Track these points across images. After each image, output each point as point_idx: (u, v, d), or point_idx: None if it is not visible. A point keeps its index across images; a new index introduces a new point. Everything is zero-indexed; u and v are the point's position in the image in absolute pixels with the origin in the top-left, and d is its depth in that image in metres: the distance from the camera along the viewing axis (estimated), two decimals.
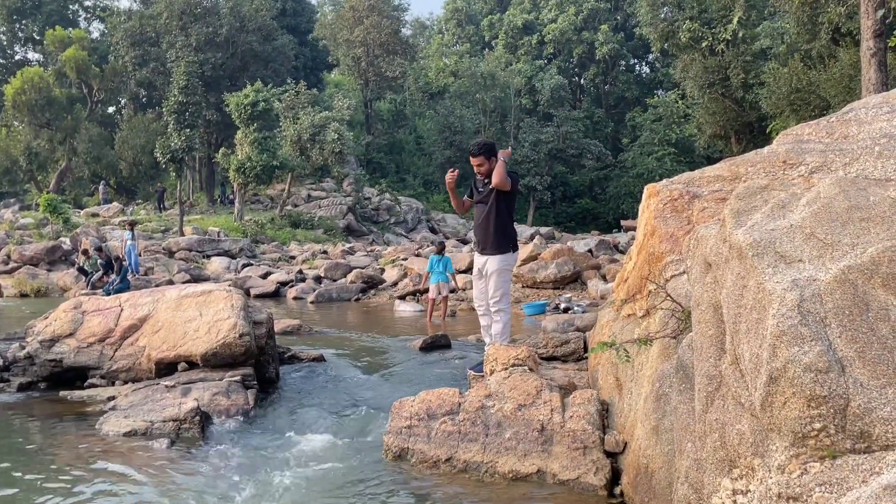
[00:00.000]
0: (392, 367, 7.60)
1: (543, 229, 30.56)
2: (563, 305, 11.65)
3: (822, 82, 19.74)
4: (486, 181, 6.01)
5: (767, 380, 2.33)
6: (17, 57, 49.32)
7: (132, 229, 20.92)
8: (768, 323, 2.38)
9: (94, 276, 17.24)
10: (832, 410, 2.19)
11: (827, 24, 18.98)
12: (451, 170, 6.04)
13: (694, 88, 28.76)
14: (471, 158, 5.96)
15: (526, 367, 5.02)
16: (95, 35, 49.63)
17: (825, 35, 19.78)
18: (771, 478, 2.36)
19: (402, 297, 14.86)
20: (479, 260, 6.14)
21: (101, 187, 38.70)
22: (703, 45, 27.21)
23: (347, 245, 27.21)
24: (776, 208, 2.83)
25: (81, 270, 18.44)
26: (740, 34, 26.64)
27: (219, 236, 26.68)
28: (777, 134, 4.65)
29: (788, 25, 23.44)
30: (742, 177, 4.15)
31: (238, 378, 6.15)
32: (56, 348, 6.92)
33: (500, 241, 5.96)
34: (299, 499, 4.08)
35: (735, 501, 2.57)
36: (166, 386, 6.04)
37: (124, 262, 17.89)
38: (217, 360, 6.33)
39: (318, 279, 18.42)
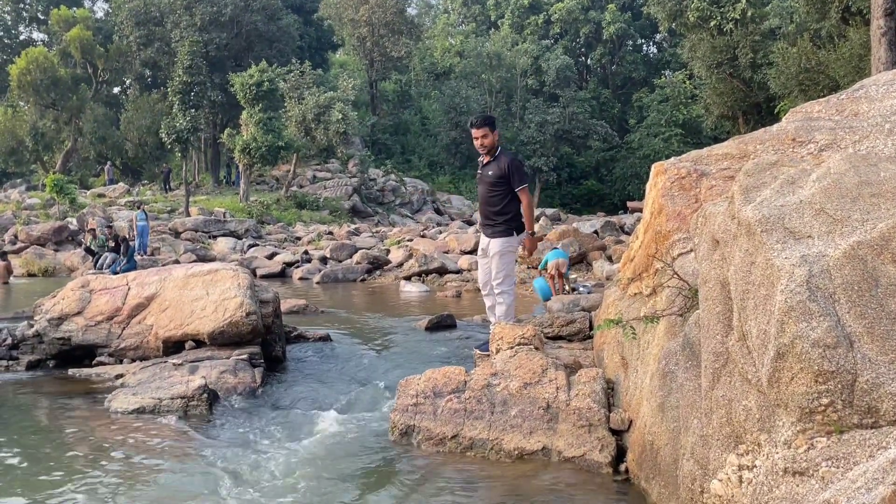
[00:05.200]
0: (398, 347, 7.63)
1: (549, 210, 30.48)
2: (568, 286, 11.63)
3: (832, 62, 19.56)
4: (487, 160, 5.98)
5: (775, 355, 2.33)
6: (21, 37, 49.19)
7: (144, 210, 21.05)
8: (776, 299, 2.37)
9: (108, 260, 17.22)
10: (840, 386, 2.18)
11: (837, 2, 18.79)
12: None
13: (702, 69, 28.53)
14: (473, 131, 5.90)
15: (531, 346, 5.03)
16: (100, 15, 49.48)
17: (835, 14, 19.58)
18: (777, 453, 2.37)
19: (408, 278, 14.88)
20: (484, 240, 6.13)
21: (107, 168, 38.76)
22: (712, 24, 26.95)
23: (353, 226, 27.25)
24: (786, 184, 2.81)
25: (88, 250, 18.52)
26: (749, 13, 26.36)
27: (224, 217, 26.73)
28: (785, 114, 4.61)
29: (798, 4, 23.19)
30: (751, 154, 4.12)
31: (245, 356, 6.18)
32: (64, 326, 6.96)
33: (504, 222, 5.92)
34: (305, 475, 4.11)
35: (741, 477, 2.58)
36: (174, 364, 6.08)
37: (131, 243, 17.95)
38: (224, 339, 6.36)
39: (323, 260, 18.46)
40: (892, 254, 2.32)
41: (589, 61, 57.64)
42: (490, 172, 5.90)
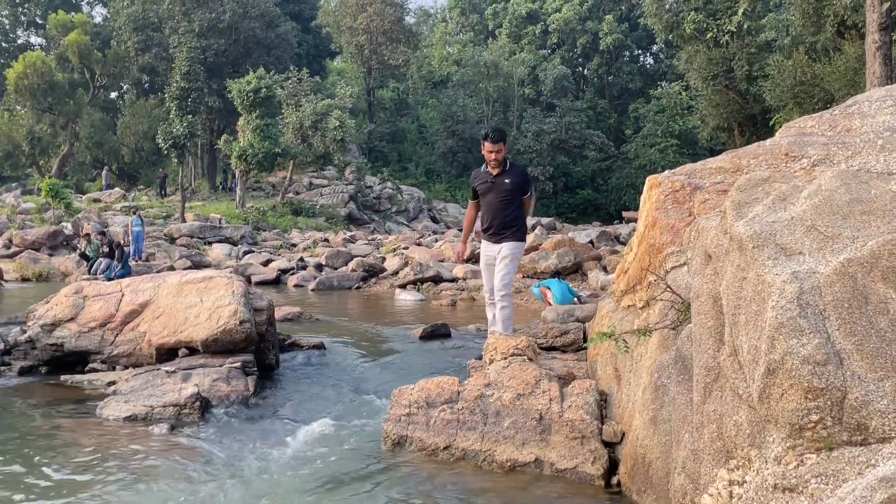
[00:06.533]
0: (392, 356, 7.62)
1: (545, 220, 30.44)
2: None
3: (827, 75, 19.67)
4: (497, 172, 6.05)
5: (765, 371, 2.34)
6: (19, 41, 49.19)
7: (140, 216, 21.04)
8: (767, 315, 2.38)
9: (102, 265, 17.16)
10: (829, 402, 2.19)
11: (832, 16, 18.91)
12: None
13: (698, 80, 28.66)
14: (489, 145, 5.95)
15: (525, 357, 5.03)
16: (98, 20, 49.53)
17: (830, 28, 19.70)
18: (767, 469, 2.37)
19: (403, 286, 14.87)
20: (492, 248, 6.14)
21: (103, 173, 38.73)
22: (708, 36, 27.08)
23: (349, 233, 27.22)
24: (777, 200, 2.83)
25: (83, 255, 18.46)
26: (745, 26, 26.50)
27: (220, 223, 26.71)
28: (780, 127, 4.63)
29: (794, 17, 23.32)
30: (744, 169, 4.14)
31: (238, 364, 6.16)
32: (57, 333, 6.94)
33: (517, 228, 6.10)
34: (297, 485, 4.10)
35: (731, 492, 2.58)
36: (167, 371, 6.06)
37: (126, 248, 17.91)
38: (217, 347, 6.34)
39: (319, 267, 18.43)
40: (882, 272, 2.34)
41: (586, 71, 57.85)
42: (507, 180, 6.06)
